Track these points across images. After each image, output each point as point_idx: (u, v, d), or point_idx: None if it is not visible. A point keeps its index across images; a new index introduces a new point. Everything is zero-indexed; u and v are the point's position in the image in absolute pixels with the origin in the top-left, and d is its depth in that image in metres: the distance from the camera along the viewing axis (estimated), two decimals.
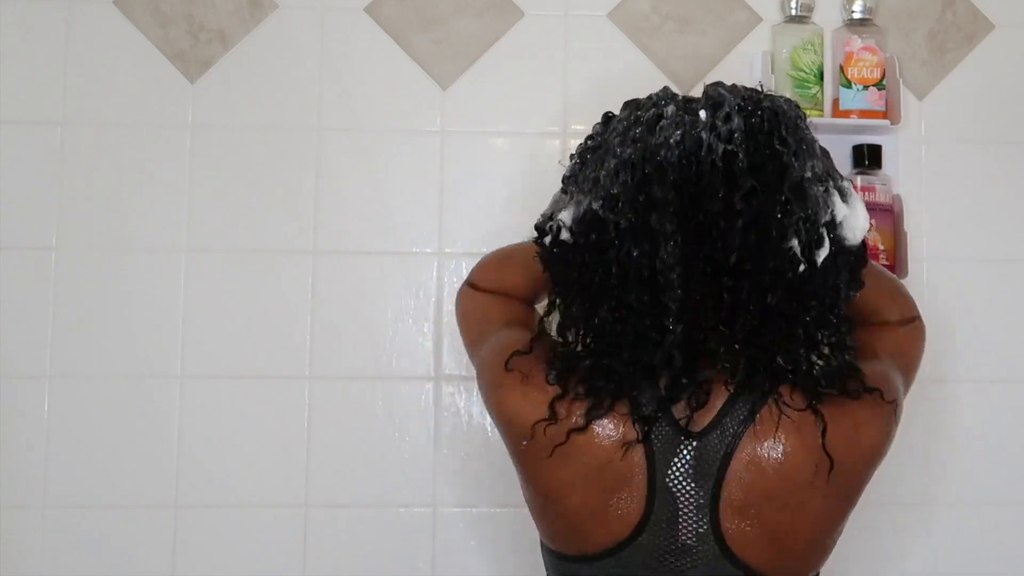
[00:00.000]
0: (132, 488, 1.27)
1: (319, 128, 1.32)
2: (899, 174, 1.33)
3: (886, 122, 1.29)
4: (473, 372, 1.00)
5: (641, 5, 1.35)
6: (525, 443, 0.87)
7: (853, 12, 1.31)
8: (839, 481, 0.84)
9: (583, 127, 0.93)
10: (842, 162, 1.31)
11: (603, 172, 0.86)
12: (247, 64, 1.32)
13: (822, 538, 0.88)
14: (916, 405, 1.31)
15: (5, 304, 1.27)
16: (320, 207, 1.31)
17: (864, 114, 1.29)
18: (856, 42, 1.29)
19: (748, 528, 0.84)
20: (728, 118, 0.83)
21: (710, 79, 1.31)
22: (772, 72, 1.30)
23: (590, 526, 0.85)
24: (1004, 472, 1.32)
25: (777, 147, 0.82)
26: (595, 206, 0.85)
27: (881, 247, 1.27)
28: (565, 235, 0.89)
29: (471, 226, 1.30)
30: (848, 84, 1.29)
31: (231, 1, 1.33)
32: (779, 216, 0.81)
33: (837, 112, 1.30)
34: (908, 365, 0.98)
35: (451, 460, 1.29)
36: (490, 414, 0.94)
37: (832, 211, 0.85)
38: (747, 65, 1.33)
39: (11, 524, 1.26)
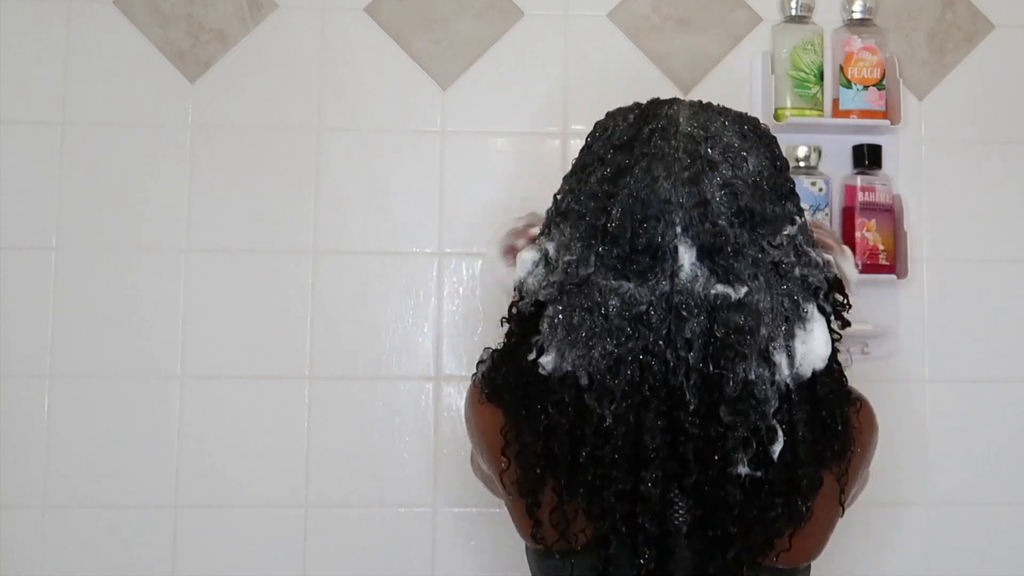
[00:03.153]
0: (132, 488, 1.27)
1: (319, 128, 1.32)
2: (899, 174, 1.33)
3: (886, 122, 1.29)
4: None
5: (641, 5, 1.35)
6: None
7: (853, 12, 1.31)
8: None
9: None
10: (842, 162, 1.31)
11: (590, 345, 0.79)
12: (247, 64, 1.32)
13: (822, 532, 0.87)
14: (917, 405, 1.32)
15: (5, 304, 1.27)
16: (320, 207, 1.31)
17: (864, 114, 1.29)
18: (856, 42, 1.29)
19: None
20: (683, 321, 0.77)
21: (710, 79, 1.33)
22: (772, 72, 1.30)
23: (568, 520, 0.84)
24: (1004, 472, 1.32)
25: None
26: (581, 381, 0.79)
27: (881, 247, 1.27)
28: (543, 372, 0.81)
29: (471, 226, 1.30)
30: (848, 84, 1.29)
31: (231, 1, 1.33)
32: (723, 440, 0.77)
33: (837, 112, 1.30)
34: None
35: (451, 460, 1.29)
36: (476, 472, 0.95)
37: (791, 359, 0.79)
38: (747, 65, 1.33)
39: (11, 524, 1.26)
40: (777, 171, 0.84)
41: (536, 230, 0.91)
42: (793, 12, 1.31)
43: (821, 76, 1.30)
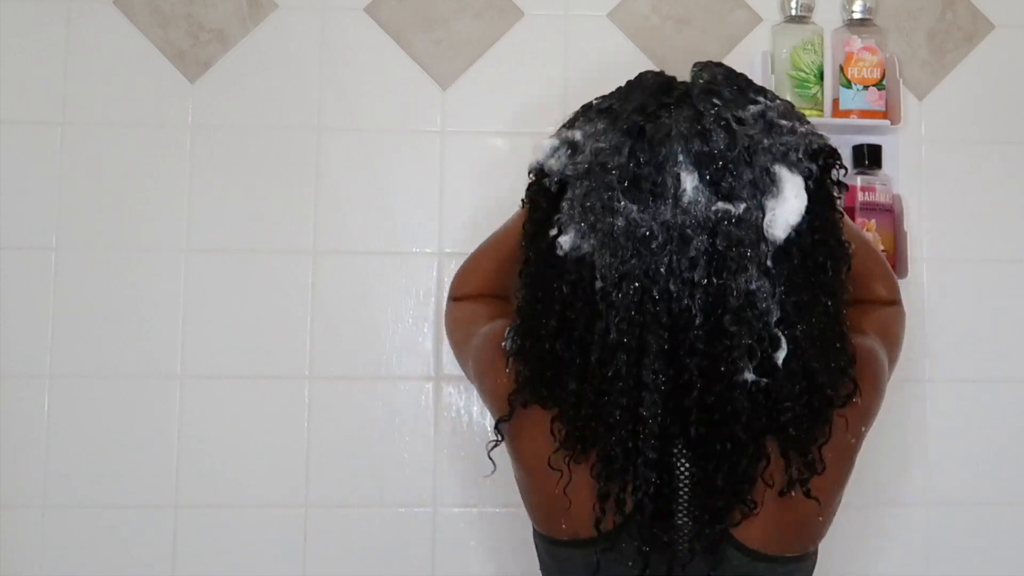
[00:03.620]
0: (132, 488, 1.27)
1: (319, 128, 1.32)
2: (899, 174, 1.33)
3: (886, 122, 1.29)
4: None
5: (641, 5, 1.35)
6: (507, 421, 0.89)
7: (853, 12, 1.31)
8: (834, 450, 0.85)
9: None
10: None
11: (604, 245, 0.83)
12: (247, 64, 1.32)
13: (822, 508, 0.88)
14: (917, 405, 1.32)
15: (5, 304, 1.27)
16: (320, 207, 1.31)
17: (864, 114, 1.29)
18: (856, 42, 1.29)
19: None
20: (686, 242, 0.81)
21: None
22: (772, 72, 1.30)
23: (576, 508, 0.85)
24: (1004, 472, 1.32)
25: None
26: (596, 279, 0.82)
27: (881, 247, 1.27)
28: (560, 252, 0.85)
29: (471, 226, 1.30)
30: (848, 84, 1.29)
31: (231, 1, 1.33)
32: (727, 349, 0.80)
33: (837, 112, 1.30)
34: (893, 344, 0.99)
35: (451, 460, 1.29)
36: (483, 400, 0.96)
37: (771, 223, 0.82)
38: (747, 65, 1.33)
39: (11, 524, 1.26)
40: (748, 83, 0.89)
41: None
42: (793, 12, 1.31)
43: (821, 76, 1.30)
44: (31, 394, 1.27)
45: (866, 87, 1.28)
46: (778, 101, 0.88)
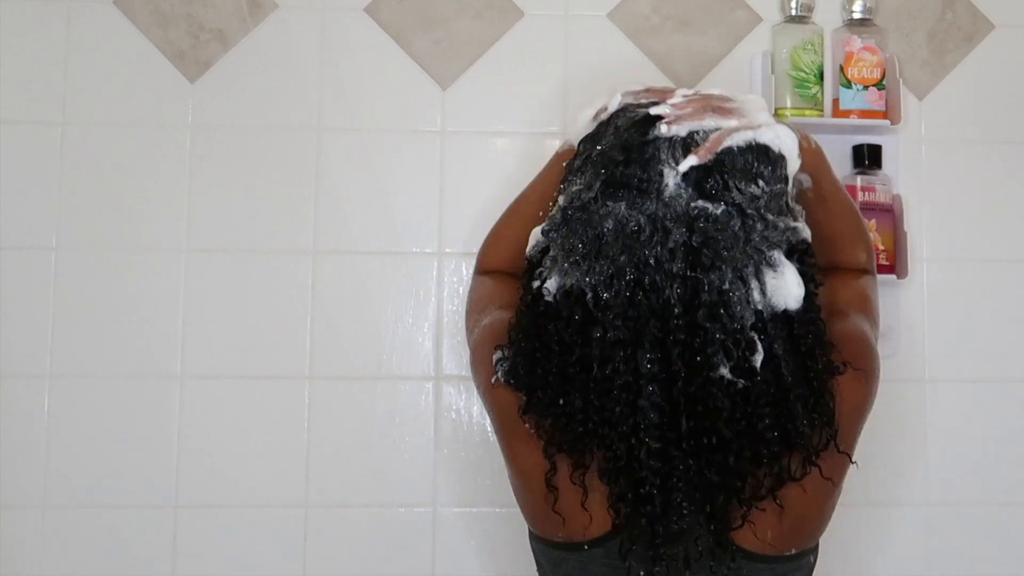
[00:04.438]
0: (132, 488, 1.27)
1: (319, 128, 1.32)
2: (899, 174, 1.33)
3: (886, 122, 1.29)
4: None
5: (641, 5, 1.35)
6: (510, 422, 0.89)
7: (853, 12, 1.31)
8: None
9: None
10: (842, 162, 1.31)
11: (590, 262, 0.85)
12: (247, 64, 1.32)
13: (820, 504, 0.88)
14: (917, 405, 1.32)
15: (5, 304, 1.27)
16: (320, 207, 1.31)
17: (864, 114, 1.29)
18: (856, 42, 1.29)
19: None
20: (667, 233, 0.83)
21: (710, 79, 1.33)
22: (772, 72, 1.30)
23: (569, 512, 0.86)
24: (1004, 472, 1.32)
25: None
26: (587, 292, 0.84)
27: (881, 247, 1.27)
28: (548, 298, 0.87)
29: (471, 226, 1.30)
30: (848, 84, 1.29)
31: (231, 1, 1.33)
32: (702, 342, 0.81)
33: (837, 112, 1.30)
34: (871, 312, 0.99)
35: (451, 460, 1.29)
36: (477, 391, 0.96)
37: (763, 288, 0.84)
38: (747, 65, 1.33)
39: (11, 524, 1.26)
40: (758, 152, 0.89)
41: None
42: (793, 12, 1.31)
43: (821, 76, 1.30)
44: (31, 394, 1.27)
45: (866, 87, 1.28)
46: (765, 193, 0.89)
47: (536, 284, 0.88)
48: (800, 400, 0.83)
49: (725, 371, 0.81)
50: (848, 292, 0.98)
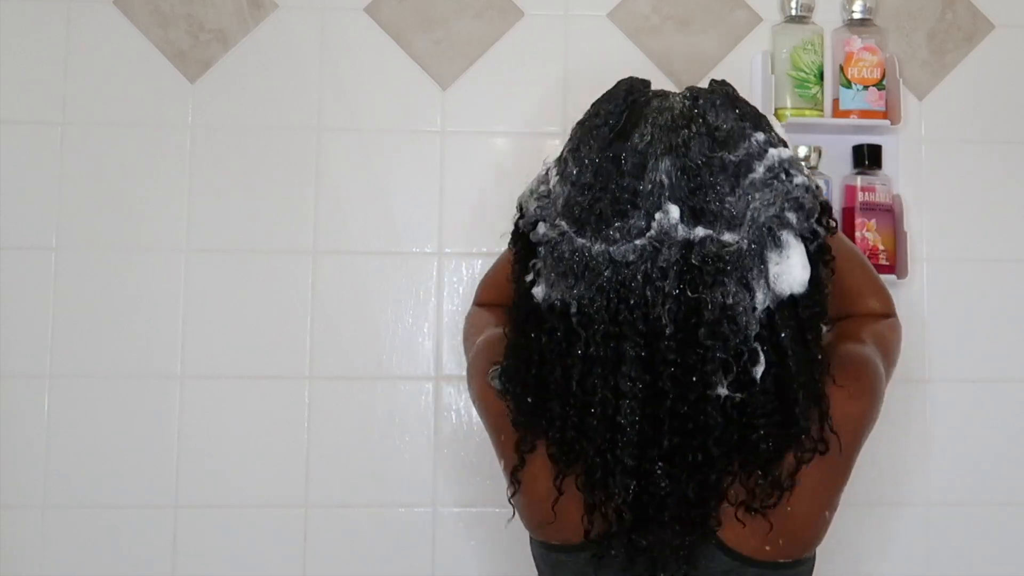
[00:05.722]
0: (132, 488, 1.27)
1: (319, 128, 1.32)
2: (899, 174, 1.33)
3: (886, 122, 1.29)
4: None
5: (641, 5, 1.35)
6: (503, 437, 0.90)
7: (853, 12, 1.31)
8: (829, 457, 0.84)
9: None
10: (842, 162, 1.31)
11: (576, 279, 0.82)
12: (247, 64, 1.32)
13: (816, 515, 0.88)
14: (917, 405, 1.32)
15: (5, 304, 1.28)
16: (320, 207, 1.31)
17: (864, 114, 1.29)
18: (856, 42, 1.29)
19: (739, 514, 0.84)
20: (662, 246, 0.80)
21: (710, 79, 1.32)
22: (772, 72, 1.30)
23: (563, 515, 0.85)
24: (1004, 472, 1.32)
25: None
26: (571, 305, 0.82)
27: (881, 247, 1.27)
28: (537, 300, 0.85)
29: (471, 226, 1.30)
30: (848, 84, 1.29)
31: (231, 1, 1.33)
32: (700, 362, 0.79)
33: (837, 112, 1.30)
34: (888, 355, 0.98)
35: (451, 460, 1.29)
36: (473, 404, 0.97)
37: (767, 282, 0.81)
38: (747, 65, 1.33)
39: (11, 524, 1.26)
40: (739, 117, 0.86)
41: None
42: (793, 12, 1.31)
43: (821, 76, 1.30)
44: (31, 394, 1.27)
45: (866, 87, 1.28)
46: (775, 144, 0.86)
47: (528, 279, 0.86)
48: (803, 388, 0.81)
49: (722, 389, 0.79)
50: (869, 330, 0.97)
